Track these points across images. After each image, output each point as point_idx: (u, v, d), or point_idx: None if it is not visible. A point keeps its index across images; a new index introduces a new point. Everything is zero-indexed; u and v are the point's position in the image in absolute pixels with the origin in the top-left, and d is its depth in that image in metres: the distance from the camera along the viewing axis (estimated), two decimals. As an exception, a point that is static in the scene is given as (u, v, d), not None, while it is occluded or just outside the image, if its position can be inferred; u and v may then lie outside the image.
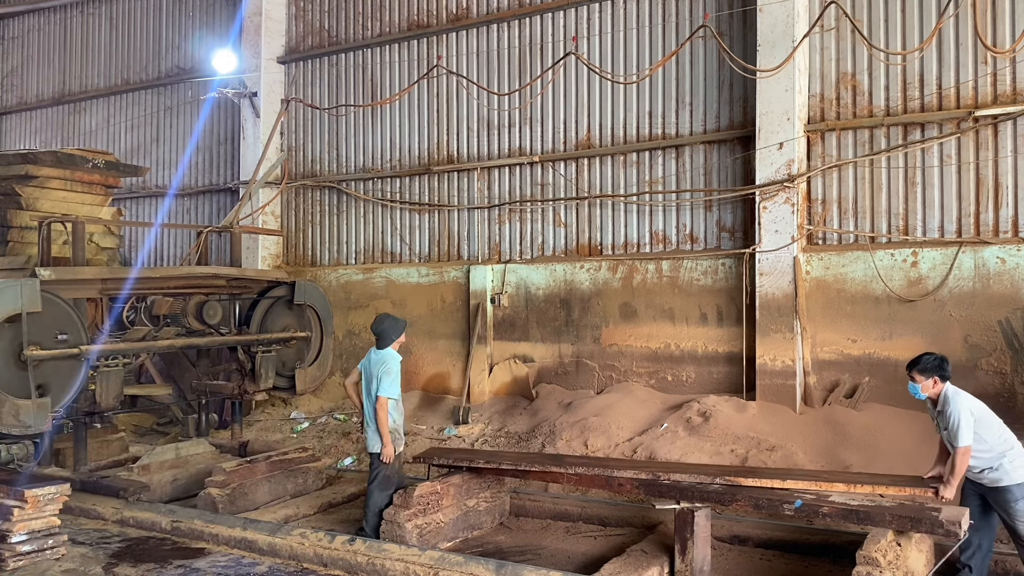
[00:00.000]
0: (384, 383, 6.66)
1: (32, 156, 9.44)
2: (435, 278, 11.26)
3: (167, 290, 9.27)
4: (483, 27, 11.11)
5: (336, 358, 11.60)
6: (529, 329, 10.52)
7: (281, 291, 10.02)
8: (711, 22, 8.81)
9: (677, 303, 9.55)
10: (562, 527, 7.27)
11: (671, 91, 9.80)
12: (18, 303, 7.25)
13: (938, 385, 5.57)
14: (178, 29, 14.36)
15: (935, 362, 5.58)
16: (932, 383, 5.56)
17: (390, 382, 6.69)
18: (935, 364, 5.57)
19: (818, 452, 7.84)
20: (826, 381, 8.67)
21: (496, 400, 10.45)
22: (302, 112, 12.62)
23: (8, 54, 16.68)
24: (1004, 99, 8.04)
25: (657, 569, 5.70)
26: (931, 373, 5.56)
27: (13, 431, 7.34)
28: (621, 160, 10.09)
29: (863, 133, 8.71)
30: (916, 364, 5.61)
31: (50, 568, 6.12)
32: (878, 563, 5.04)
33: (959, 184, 8.23)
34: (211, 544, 6.63)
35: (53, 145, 15.53)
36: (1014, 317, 7.81)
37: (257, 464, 7.98)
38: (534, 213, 10.67)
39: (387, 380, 6.67)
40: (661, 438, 8.38)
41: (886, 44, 8.53)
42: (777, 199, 8.75)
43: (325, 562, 6.13)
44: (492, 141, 11.05)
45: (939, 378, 5.56)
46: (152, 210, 14.53)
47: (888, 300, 8.39)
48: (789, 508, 5.59)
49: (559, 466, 6.82)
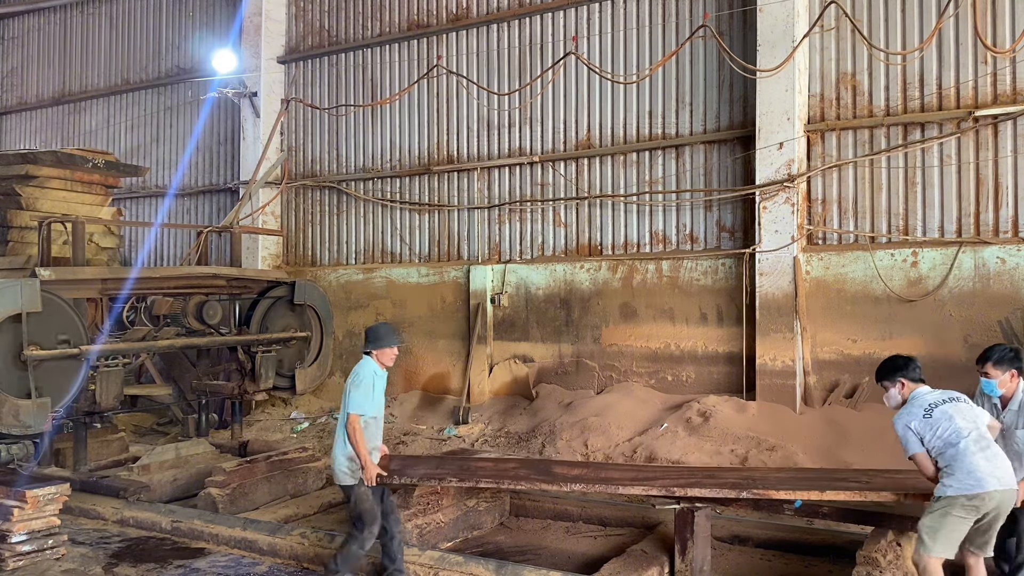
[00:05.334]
0: (352, 397, 5.56)
1: (32, 156, 9.44)
2: (435, 278, 11.26)
3: (167, 290, 9.28)
4: (483, 27, 11.11)
5: (336, 358, 11.60)
6: (529, 329, 10.52)
7: (281, 291, 10.03)
8: (711, 22, 8.81)
9: (677, 303, 9.54)
10: (562, 527, 7.26)
11: (671, 91, 9.80)
12: (18, 303, 7.26)
13: (1015, 379, 4.95)
14: (178, 29, 14.35)
15: (1011, 353, 4.95)
16: (1010, 377, 4.94)
17: (360, 396, 5.56)
18: (1011, 356, 4.95)
19: (818, 452, 7.84)
20: (826, 381, 8.67)
21: (496, 400, 10.45)
22: (302, 112, 12.61)
23: (8, 54, 16.68)
24: (1004, 99, 8.04)
25: (657, 569, 5.70)
26: (1007, 365, 4.94)
27: (13, 431, 7.34)
28: (621, 160, 10.09)
29: (863, 133, 8.71)
30: (988, 357, 4.99)
31: (50, 568, 6.13)
32: (878, 563, 5.04)
33: (959, 184, 8.23)
34: (211, 544, 6.64)
35: (53, 145, 15.53)
36: (1014, 317, 7.81)
37: (257, 464, 7.98)
38: (534, 213, 10.67)
39: (355, 394, 5.56)
40: (661, 438, 8.38)
41: (886, 44, 8.53)
42: (777, 199, 8.75)
43: (325, 562, 6.12)
44: (492, 141, 11.05)
45: (1017, 371, 4.95)
46: (152, 210, 14.52)
47: (888, 300, 8.39)
48: (789, 508, 5.59)
49: (550, 480, 6.09)
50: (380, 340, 5.73)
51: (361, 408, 5.53)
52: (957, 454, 4.63)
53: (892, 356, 5.10)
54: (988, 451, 4.65)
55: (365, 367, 5.68)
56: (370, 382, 5.61)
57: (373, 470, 5.50)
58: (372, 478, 5.50)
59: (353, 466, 5.54)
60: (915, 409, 4.79)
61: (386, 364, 5.78)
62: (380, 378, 5.73)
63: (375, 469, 5.52)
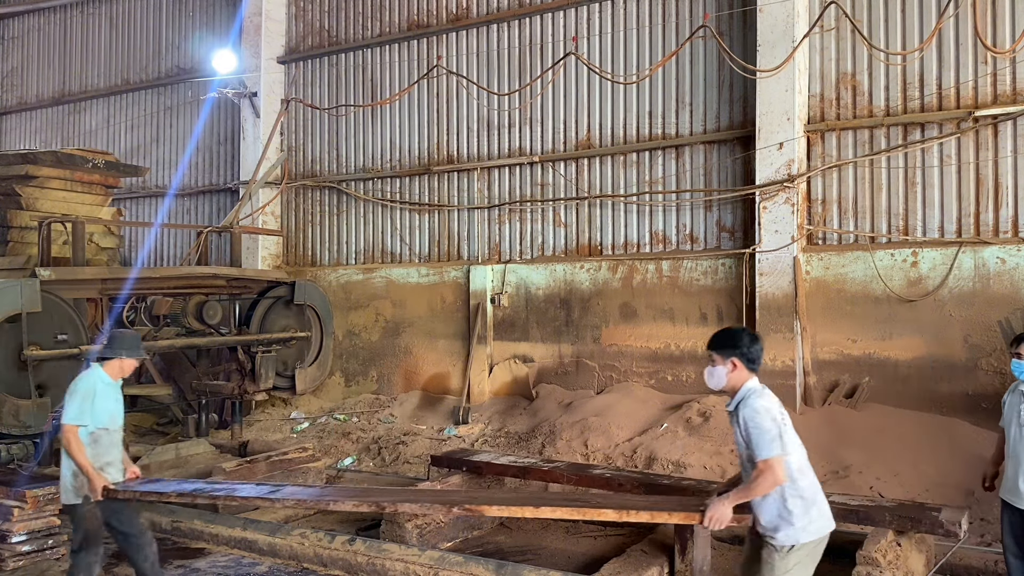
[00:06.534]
0: (67, 407, 5.14)
1: (32, 156, 9.45)
2: (435, 278, 11.26)
3: (167, 290, 9.28)
4: (483, 27, 11.11)
5: (336, 358, 11.62)
6: (529, 329, 10.52)
7: (281, 291, 10.03)
8: (711, 22, 8.81)
9: (677, 303, 9.54)
10: (562, 527, 7.26)
11: (671, 91, 9.80)
12: (18, 303, 7.26)
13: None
14: (178, 29, 14.36)
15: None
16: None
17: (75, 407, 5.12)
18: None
19: (818, 452, 7.83)
20: (826, 381, 8.67)
21: (496, 400, 10.45)
22: (302, 112, 12.61)
23: (8, 54, 16.68)
24: (1004, 99, 8.04)
25: (657, 569, 5.70)
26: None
27: (13, 431, 7.35)
28: (621, 160, 10.09)
29: (863, 133, 8.70)
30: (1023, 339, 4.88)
31: (50, 568, 6.13)
32: (878, 563, 5.04)
33: (959, 184, 8.23)
34: (211, 544, 6.64)
35: (53, 145, 15.53)
36: (1014, 317, 7.80)
37: (257, 464, 7.98)
38: (534, 213, 10.67)
39: (70, 404, 5.13)
40: (661, 438, 8.38)
41: (886, 44, 8.53)
42: (777, 199, 8.75)
43: (325, 562, 6.13)
44: (492, 141, 11.05)
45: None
46: (152, 210, 14.53)
47: (888, 300, 8.39)
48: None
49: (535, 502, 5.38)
50: (114, 349, 5.31)
51: (78, 419, 5.11)
52: (812, 485, 4.00)
53: (736, 328, 4.52)
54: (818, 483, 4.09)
55: (87, 378, 5.27)
56: (90, 392, 5.19)
57: (99, 482, 5.09)
58: (98, 490, 5.09)
59: (78, 482, 5.16)
60: (772, 405, 4.03)
61: (120, 375, 5.38)
62: (110, 387, 5.31)
63: (101, 481, 5.11)
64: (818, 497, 4.01)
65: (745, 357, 4.09)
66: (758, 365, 4.14)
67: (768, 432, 3.87)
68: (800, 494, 3.93)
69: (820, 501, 4.01)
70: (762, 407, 3.96)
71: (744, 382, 4.09)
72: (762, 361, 4.21)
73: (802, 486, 3.95)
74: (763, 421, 3.90)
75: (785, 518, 3.91)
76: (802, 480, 3.96)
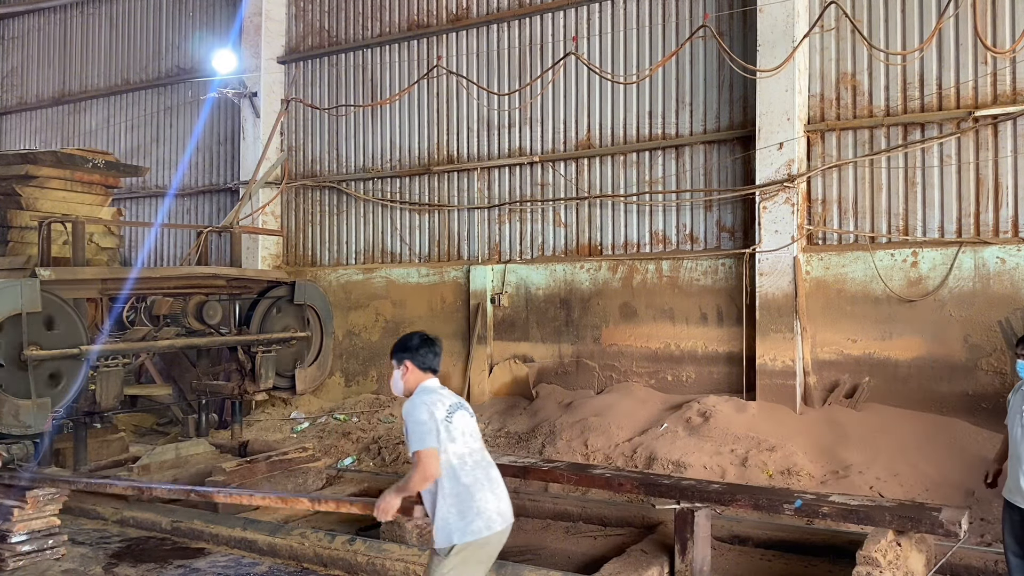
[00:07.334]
0: None
1: (32, 156, 9.43)
2: (435, 278, 11.26)
3: (167, 290, 9.26)
4: (483, 27, 11.11)
5: (336, 358, 11.61)
6: (529, 329, 10.52)
7: (281, 291, 10.01)
8: (711, 22, 8.81)
9: (677, 303, 9.54)
10: (562, 527, 7.26)
11: (671, 91, 9.80)
12: (18, 303, 7.25)
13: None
14: (178, 29, 14.36)
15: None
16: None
17: None
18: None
19: (818, 452, 7.84)
20: (826, 381, 8.67)
21: (496, 400, 10.45)
22: (302, 112, 12.61)
23: (8, 54, 16.68)
24: (1004, 99, 8.04)
25: (657, 569, 5.70)
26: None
27: (13, 431, 7.34)
28: (621, 160, 10.09)
29: (863, 133, 8.71)
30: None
31: (50, 568, 6.13)
32: (878, 563, 5.04)
33: (959, 184, 8.23)
34: (211, 544, 6.64)
35: (53, 145, 15.53)
36: (1014, 317, 7.81)
37: (257, 464, 7.98)
38: (534, 213, 10.67)
39: None
40: (661, 438, 8.38)
41: (886, 44, 8.53)
42: (777, 199, 8.75)
43: (325, 562, 6.13)
44: (492, 141, 11.05)
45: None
46: (152, 210, 14.53)
47: (888, 300, 8.39)
48: (789, 508, 5.59)
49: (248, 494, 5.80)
50: None
51: None
52: (473, 485, 3.96)
53: (409, 333, 4.33)
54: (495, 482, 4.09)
55: None
56: None
57: None
58: None
59: None
60: (437, 401, 4.01)
61: None
62: None
63: None
64: (480, 497, 3.95)
65: (416, 359, 4.14)
66: (433, 365, 4.20)
67: (422, 425, 3.89)
68: (456, 492, 3.91)
69: (482, 501, 3.96)
70: (420, 401, 3.98)
71: (420, 383, 4.15)
72: (438, 363, 4.27)
73: (464, 483, 3.92)
74: (419, 414, 3.93)
75: (442, 517, 3.89)
76: (465, 478, 3.93)
